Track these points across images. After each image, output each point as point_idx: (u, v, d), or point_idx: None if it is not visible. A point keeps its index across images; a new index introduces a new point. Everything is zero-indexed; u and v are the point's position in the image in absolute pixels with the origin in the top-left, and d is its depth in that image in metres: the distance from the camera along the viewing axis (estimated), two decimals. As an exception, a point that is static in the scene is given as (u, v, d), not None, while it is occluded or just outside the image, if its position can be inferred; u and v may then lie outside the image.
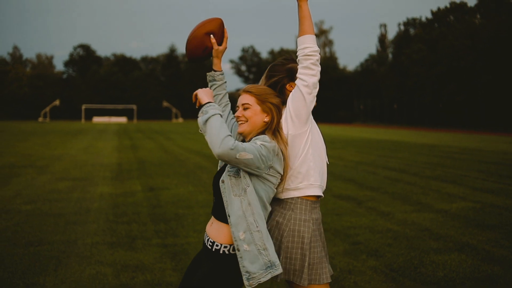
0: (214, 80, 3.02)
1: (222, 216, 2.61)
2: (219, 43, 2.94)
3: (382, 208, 8.28)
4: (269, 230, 2.70)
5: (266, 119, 2.68)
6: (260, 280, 2.49)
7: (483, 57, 53.07)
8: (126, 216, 7.49)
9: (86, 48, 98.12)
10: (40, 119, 78.40)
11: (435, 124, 61.24)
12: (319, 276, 2.71)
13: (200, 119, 2.49)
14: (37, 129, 42.09)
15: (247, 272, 2.49)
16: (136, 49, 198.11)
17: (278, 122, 2.70)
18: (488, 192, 10.00)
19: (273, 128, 2.67)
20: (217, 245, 2.59)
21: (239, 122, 2.71)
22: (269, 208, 2.64)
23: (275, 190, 2.65)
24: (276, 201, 2.76)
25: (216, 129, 2.44)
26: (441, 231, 6.77)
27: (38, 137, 29.02)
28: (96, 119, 76.57)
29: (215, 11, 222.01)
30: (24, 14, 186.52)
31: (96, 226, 6.83)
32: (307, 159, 2.73)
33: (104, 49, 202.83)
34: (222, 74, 3.03)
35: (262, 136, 2.61)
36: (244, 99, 2.71)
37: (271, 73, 2.86)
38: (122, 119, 77.97)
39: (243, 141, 2.79)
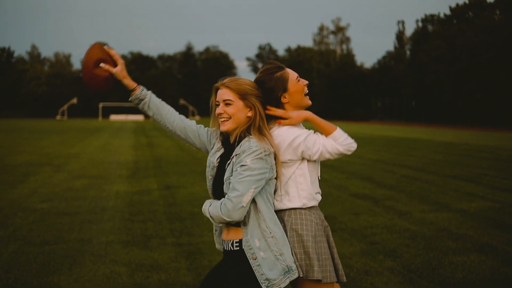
0: (140, 99, 2.74)
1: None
2: (113, 65, 2.70)
3: (400, 208, 8.17)
4: None
5: (249, 114, 2.55)
6: (280, 286, 2.44)
7: (503, 53, 52.27)
8: (142, 214, 7.48)
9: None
10: (58, 117, 79.18)
11: (453, 122, 60.56)
12: (329, 273, 2.62)
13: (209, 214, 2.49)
14: (55, 127, 42.52)
15: (266, 279, 2.42)
16: (153, 47, 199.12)
17: (262, 117, 2.57)
18: (508, 191, 9.82)
19: (257, 125, 2.54)
20: (236, 242, 2.51)
21: (222, 120, 2.55)
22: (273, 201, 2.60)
23: (275, 180, 2.58)
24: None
25: (216, 210, 2.43)
26: (459, 231, 6.64)
27: (56, 135, 29.29)
28: (113, 117, 77.13)
29: (232, 7, 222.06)
30: (42, 13, 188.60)
31: (111, 224, 6.83)
32: (296, 180, 2.66)
33: (121, 47, 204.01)
34: (142, 89, 2.75)
35: (248, 145, 2.45)
36: (225, 94, 2.54)
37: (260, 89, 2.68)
38: (139, 117, 78.42)
39: (227, 140, 2.66)
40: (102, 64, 2.65)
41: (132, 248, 5.72)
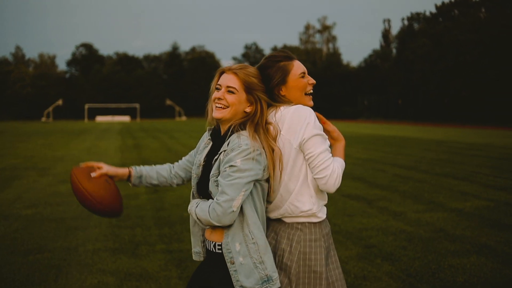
0: (139, 177, 2.70)
1: None
2: (96, 173, 2.53)
3: (394, 208, 8.01)
4: (276, 259, 2.42)
5: (248, 110, 2.35)
6: None
7: (489, 51, 52.57)
8: (129, 219, 7.24)
9: (88, 47, 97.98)
10: (43, 119, 78.31)
11: (440, 120, 60.80)
12: None
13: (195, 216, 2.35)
14: (40, 129, 41.94)
15: (241, 286, 2.26)
16: (138, 47, 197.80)
17: (263, 115, 2.36)
18: (501, 189, 9.71)
19: (255, 121, 2.33)
20: (219, 245, 2.36)
21: (218, 106, 2.33)
22: (264, 207, 2.39)
23: (268, 183, 2.37)
24: (279, 222, 2.46)
25: (204, 213, 2.26)
26: (456, 232, 6.50)
27: (41, 137, 28.83)
28: (99, 118, 76.45)
29: (217, 7, 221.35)
30: (26, 14, 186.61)
31: (98, 231, 6.59)
32: (307, 183, 2.41)
33: (106, 48, 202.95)
34: (134, 167, 2.69)
35: (238, 143, 2.25)
36: (230, 80, 2.33)
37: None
38: (125, 118, 77.82)
39: (217, 132, 2.44)
40: (93, 174, 2.49)
41: (120, 256, 5.49)
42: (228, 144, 2.29)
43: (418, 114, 67.63)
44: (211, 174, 2.32)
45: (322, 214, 2.45)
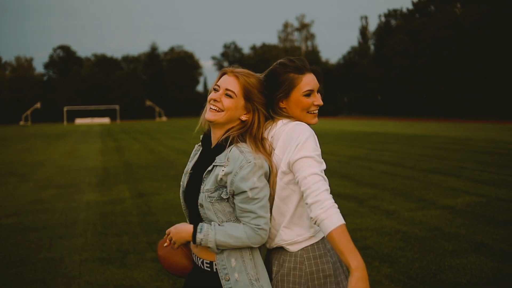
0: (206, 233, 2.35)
1: None
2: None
3: (386, 207, 7.89)
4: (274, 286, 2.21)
5: (244, 118, 2.17)
6: None
7: (466, 46, 53.08)
8: (116, 227, 6.99)
9: (66, 49, 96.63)
10: (22, 122, 77.03)
11: (419, 115, 61.25)
12: None
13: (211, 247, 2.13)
14: (18, 133, 41.15)
15: None
16: (116, 48, 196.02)
17: (260, 126, 2.18)
18: (490, 184, 9.66)
19: (253, 134, 2.16)
20: (207, 263, 2.19)
21: (213, 108, 2.15)
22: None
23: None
24: (278, 251, 2.24)
25: (232, 238, 2.08)
26: (452, 230, 6.39)
27: (19, 142, 28.24)
28: (79, 121, 75.45)
29: (195, 6, 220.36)
30: (1, 17, 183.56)
31: (84, 240, 6.33)
32: (301, 208, 2.19)
33: (84, 49, 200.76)
34: (200, 225, 2.21)
35: (244, 159, 2.06)
36: (230, 83, 2.15)
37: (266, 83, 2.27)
38: (105, 120, 76.93)
39: (208, 136, 2.25)
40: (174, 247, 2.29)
41: (109, 267, 5.25)
42: (227, 159, 2.10)
43: (397, 109, 68.11)
44: (205, 188, 2.12)
45: (321, 233, 2.23)
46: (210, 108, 2.16)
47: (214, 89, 2.19)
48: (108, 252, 5.77)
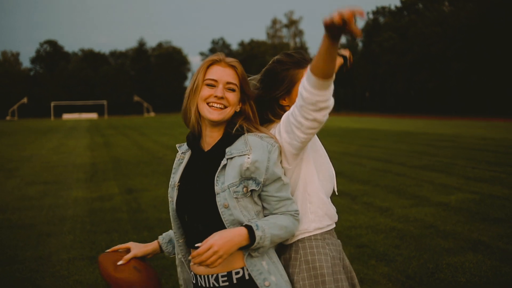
0: (169, 242, 2.23)
1: None
2: (126, 253, 2.12)
3: (379, 203, 7.80)
4: None
5: (238, 109, 1.98)
6: None
7: (454, 44, 53.33)
8: (105, 224, 6.83)
9: (53, 44, 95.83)
10: (8, 117, 76.21)
11: (407, 111, 61.49)
12: None
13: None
14: (5, 128, 40.63)
15: None
16: (104, 43, 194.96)
17: (255, 114, 2.00)
18: (482, 181, 9.62)
19: (254, 121, 2.00)
20: (237, 272, 1.88)
21: (217, 106, 1.89)
22: None
23: None
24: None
25: (282, 229, 1.88)
26: (447, 228, 6.31)
27: (6, 137, 27.85)
28: (66, 116, 74.79)
29: (184, 2, 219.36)
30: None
31: (72, 237, 6.17)
32: (306, 189, 2.05)
33: (71, 44, 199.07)
34: (162, 237, 2.23)
35: (269, 143, 1.90)
36: (229, 76, 1.92)
37: (271, 76, 2.11)
38: (93, 115, 76.34)
39: (197, 136, 2.02)
40: (120, 262, 2.05)
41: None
42: (249, 147, 1.89)
43: (385, 106, 68.31)
44: (227, 184, 1.86)
45: (324, 222, 2.08)
46: (215, 106, 1.90)
47: (208, 85, 1.92)
48: (98, 250, 5.61)
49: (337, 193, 2.29)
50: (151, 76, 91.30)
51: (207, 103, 1.90)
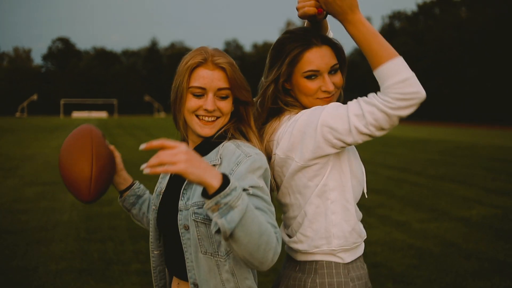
0: (138, 196, 1.98)
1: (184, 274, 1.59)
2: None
3: (395, 217, 7.29)
4: None
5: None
6: None
7: (470, 49, 52.57)
8: (100, 231, 6.38)
9: (65, 41, 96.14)
10: (18, 114, 76.37)
11: (422, 118, 60.74)
12: None
13: (223, 221, 1.22)
14: (13, 125, 40.47)
15: None
16: (116, 42, 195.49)
17: (250, 120, 1.65)
18: (504, 194, 9.07)
19: (250, 121, 1.66)
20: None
21: (208, 119, 1.58)
22: None
23: None
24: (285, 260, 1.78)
25: (256, 216, 1.28)
26: (469, 246, 5.80)
27: (12, 134, 27.59)
28: (76, 114, 74.79)
29: (197, 2, 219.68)
30: (0, 7, 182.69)
31: (63, 246, 5.72)
32: (327, 204, 1.67)
33: (84, 42, 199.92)
34: (141, 188, 2.01)
35: (242, 153, 1.49)
36: (220, 80, 1.56)
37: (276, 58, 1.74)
38: (103, 114, 76.27)
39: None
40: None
41: (88, 280, 4.64)
42: (219, 156, 1.54)
43: (398, 112, 67.61)
44: (189, 202, 1.52)
45: (350, 255, 1.72)
46: (206, 120, 1.58)
47: (195, 94, 1.56)
48: (89, 261, 5.16)
49: (366, 196, 1.88)
50: (162, 76, 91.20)
51: (196, 115, 1.56)
